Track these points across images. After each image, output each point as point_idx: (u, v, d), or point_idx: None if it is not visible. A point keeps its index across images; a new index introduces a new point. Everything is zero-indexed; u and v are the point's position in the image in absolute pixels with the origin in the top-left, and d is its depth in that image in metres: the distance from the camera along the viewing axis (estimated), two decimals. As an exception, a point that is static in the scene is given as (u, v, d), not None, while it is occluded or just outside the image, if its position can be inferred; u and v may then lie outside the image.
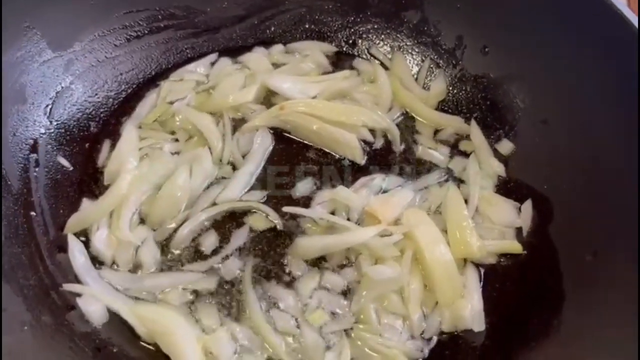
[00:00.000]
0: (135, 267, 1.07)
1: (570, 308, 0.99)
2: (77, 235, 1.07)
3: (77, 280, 1.02)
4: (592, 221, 1.07)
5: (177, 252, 1.10)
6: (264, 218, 1.16)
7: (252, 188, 1.21)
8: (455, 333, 1.04)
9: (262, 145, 1.27)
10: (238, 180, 1.20)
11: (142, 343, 0.98)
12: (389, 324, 1.04)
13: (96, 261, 1.07)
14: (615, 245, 1.00)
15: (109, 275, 1.05)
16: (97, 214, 1.10)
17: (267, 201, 1.19)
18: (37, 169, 1.15)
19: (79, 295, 1.00)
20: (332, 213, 1.17)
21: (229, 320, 1.02)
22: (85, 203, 1.14)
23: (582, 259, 1.03)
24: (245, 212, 1.17)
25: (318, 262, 1.10)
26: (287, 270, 1.09)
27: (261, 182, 1.22)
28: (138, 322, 0.99)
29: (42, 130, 1.20)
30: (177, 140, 1.26)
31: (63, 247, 1.05)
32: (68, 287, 1.00)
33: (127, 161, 1.16)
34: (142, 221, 1.13)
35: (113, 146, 1.23)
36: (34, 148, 1.16)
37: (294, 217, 1.16)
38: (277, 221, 1.15)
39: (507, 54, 1.34)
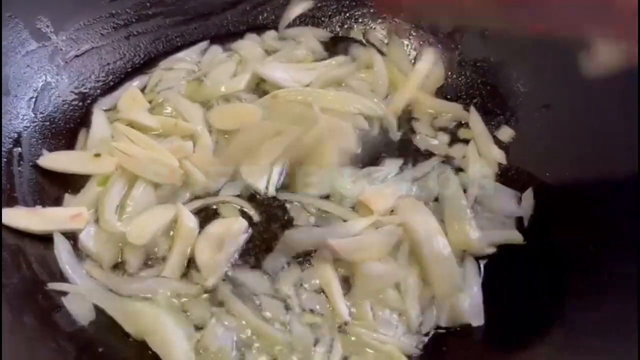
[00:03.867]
0: (120, 265, 1.05)
1: (573, 301, 0.95)
2: (62, 232, 1.04)
3: (62, 278, 0.99)
4: (596, 210, 1.03)
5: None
6: (236, 211, 1.12)
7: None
8: (454, 328, 1.01)
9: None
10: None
11: (130, 341, 0.95)
12: (385, 319, 1.01)
13: (81, 259, 1.04)
14: (621, 235, 0.96)
15: (96, 273, 1.02)
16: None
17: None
18: (21, 163, 1.11)
19: (64, 294, 0.97)
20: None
21: (221, 312, 0.99)
22: (68, 198, 1.11)
23: (586, 249, 1.00)
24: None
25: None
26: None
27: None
28: (126, 320, 0.96)
29: (26, 124, 1.16)
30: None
31: (48, 245, 1.02)
32: (54, 285, 0.97)
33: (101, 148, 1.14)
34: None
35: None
36: (17, 142, 1.13)
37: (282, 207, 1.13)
38: (252, 212, 1.11)
39: (507, 38, 1.28)
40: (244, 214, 1.12)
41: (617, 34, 0.71)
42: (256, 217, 1.11)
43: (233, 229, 1.07)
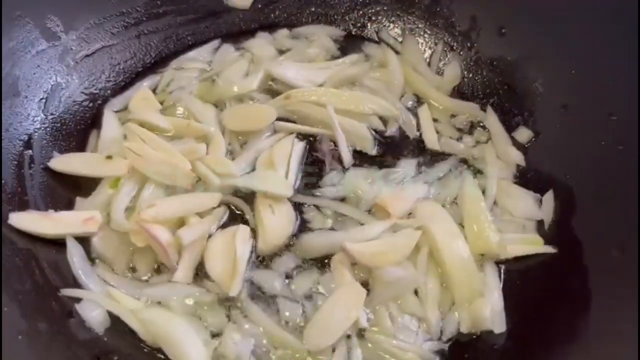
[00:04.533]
0: (131, 271, 1.03)
1: (597, 307, 0.93)
2: (75, 236, 1.02)
3: (75, 284, 0.98)
4: (618, 212, 1.01)
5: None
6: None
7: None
8: (475, 334, 0.99)
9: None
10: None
11: (146, 349, 0.94)
12: (404, 325, 0.99)
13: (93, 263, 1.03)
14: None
15: (109, 278, 1.00)
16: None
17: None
18: (32, 166, 1.10)
19: (78, 300, 0.95)
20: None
21: (238, 317, 0.97)
22: (79, 202, 1.09)
23: (609, 253, 0.98)
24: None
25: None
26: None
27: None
28: (141, 327, 0.94)
29: (37, 125, 1.15)
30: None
31: (60, 249, 1.00)
32: (67, 292, 0.96)
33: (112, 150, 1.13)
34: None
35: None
36: (28, 144, 1.12)
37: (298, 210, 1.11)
38: (248, 216, 1.09)
39: (524, 35, 1.28)
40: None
41: None
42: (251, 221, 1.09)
43: (238, 238, 1.03)
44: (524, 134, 1.24)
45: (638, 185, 1.00)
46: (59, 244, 1.01)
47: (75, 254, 1.00)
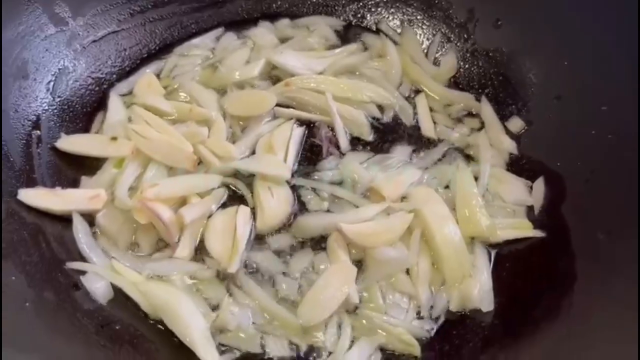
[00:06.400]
0: (133, 247, 1.07)
1: (581, 289, 0.96)
2: (80, 213, 1.06)
3: (80, 257, 1.02)
4: (606, 199, 1.04)
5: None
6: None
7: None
8: (463, 312, 1.03)
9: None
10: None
11: (147, 319, 0.98)
12: (395, 303, 1.02)
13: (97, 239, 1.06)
14: (630, 224, 0.97)
15: (113, 252, 1.04)
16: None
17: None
18: (40, 145, 1.13)
19: (83, 273, 0.99)
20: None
21: (236, 292, 1.01)
22: (85, 180, 1.13)
23: (595, 238, 1.01)
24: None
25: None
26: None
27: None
28: (143, 299, 0.98)
29: (45, 107, 1.18)
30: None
31: (66, 225, 1.04)
32: (72, 265, 0.99)
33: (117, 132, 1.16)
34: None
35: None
36: (36, 124, 1.15)
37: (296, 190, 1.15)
38: (247, 197, 1.13)
39: (520, 28, 1.31)
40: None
41: None
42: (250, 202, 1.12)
43: (239, 217, 1.07)
44: (517, 124, 1.27)
45: (626, 173, 1.03)
46: (65, 219, 1.05)
47: (80, 230, 1.04)
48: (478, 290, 1.02)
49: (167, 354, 0.94)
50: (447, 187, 1.17)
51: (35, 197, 1.04)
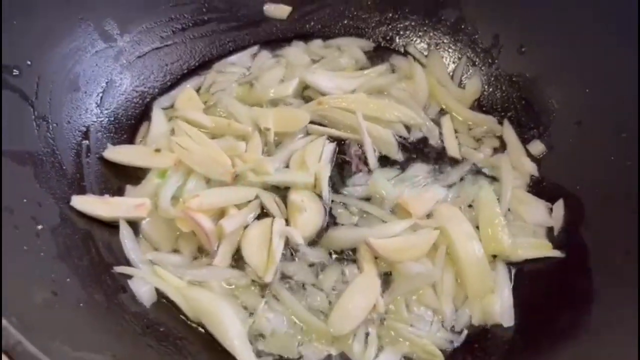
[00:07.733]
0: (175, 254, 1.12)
1: (600, 308, 1.00)
2: (126, 220, 1.12)
3: (126, 262, 1.08)
4: (624, 221, 1.08)
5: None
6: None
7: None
8: (485, 327, 1.07)
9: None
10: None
11: (189, 322, 1.04)
12: (420, 315, 1.07)
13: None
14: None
15: (156, 258, 1.10)
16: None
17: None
18: (89, 155, 1.20)
19: (129, 277, 1.05)
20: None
21: (271, 299, 1.07)
22: (129, 189, 1.19)
23: (613, 259, 1.05)
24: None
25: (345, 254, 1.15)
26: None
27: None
28: (185, 303, 1.04)
29: (94, 118, 1.25)
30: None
31: (113, 231, 1.11)
32: (119, 269, 1.06)
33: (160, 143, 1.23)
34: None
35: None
36: (85, 135, 1.22)
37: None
38: (281, 210, 1.17)
39: (543, 55, 1.35)
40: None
41: None
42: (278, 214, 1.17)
43: (274, 229, 1.13)
44: (538, 147, 1.32)
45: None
46: (112, 226, 1.11)
47: (127, 236, 1.10)
48: (499, 305, 1.07)
49: (208, 357, 0.99)
50: (470, 205, 1.22)
51: (86, 203, 1.10)
